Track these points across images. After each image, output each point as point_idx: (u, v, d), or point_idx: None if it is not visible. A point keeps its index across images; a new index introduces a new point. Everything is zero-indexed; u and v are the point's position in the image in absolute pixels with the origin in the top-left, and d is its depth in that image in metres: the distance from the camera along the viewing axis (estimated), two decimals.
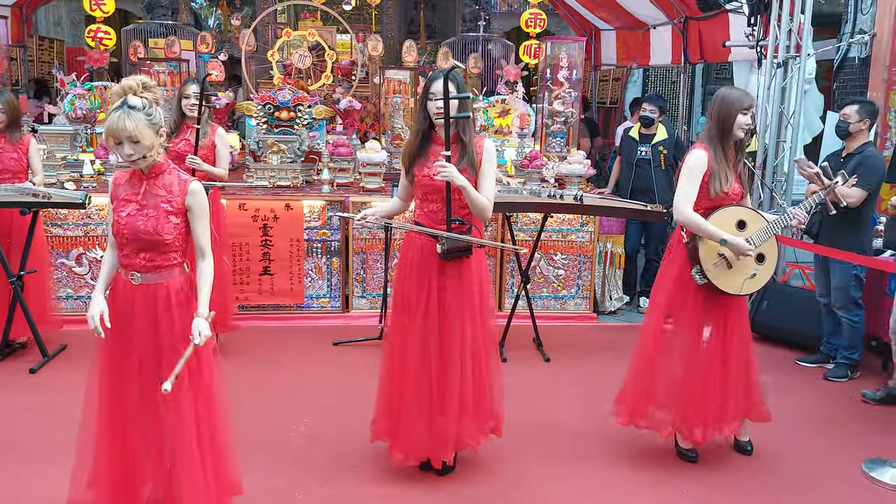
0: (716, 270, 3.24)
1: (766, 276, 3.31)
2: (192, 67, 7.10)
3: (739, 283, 3.26)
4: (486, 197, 2.99)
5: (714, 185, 3.18)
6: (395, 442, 3.19)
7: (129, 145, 2.38)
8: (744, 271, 3.25)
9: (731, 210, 3.24)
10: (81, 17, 10.72)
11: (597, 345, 5.15)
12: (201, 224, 2.51)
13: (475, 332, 3.09)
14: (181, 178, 2.51)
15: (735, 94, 3.23)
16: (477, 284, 3.10)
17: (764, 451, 3.57)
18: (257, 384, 4.20)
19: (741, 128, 3.18)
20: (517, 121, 6.57)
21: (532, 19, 8.50)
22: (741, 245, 3.16)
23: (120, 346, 2.52)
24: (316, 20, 10.09)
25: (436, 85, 2.93)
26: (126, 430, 2.52)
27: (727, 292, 3.26)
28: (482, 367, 3.14)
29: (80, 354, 4.51)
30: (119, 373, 2.52)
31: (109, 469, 2.54)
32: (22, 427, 3.63)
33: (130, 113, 2.36)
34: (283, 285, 5.31)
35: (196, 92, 4.29)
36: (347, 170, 5.75)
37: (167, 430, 2.50)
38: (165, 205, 2.47)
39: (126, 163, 2.46)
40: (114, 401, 2.53)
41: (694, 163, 3.19)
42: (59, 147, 5.63)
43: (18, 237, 4.40)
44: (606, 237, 5.71)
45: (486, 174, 3.01)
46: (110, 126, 2.36)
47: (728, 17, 6.01)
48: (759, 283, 3.32)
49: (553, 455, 3.53)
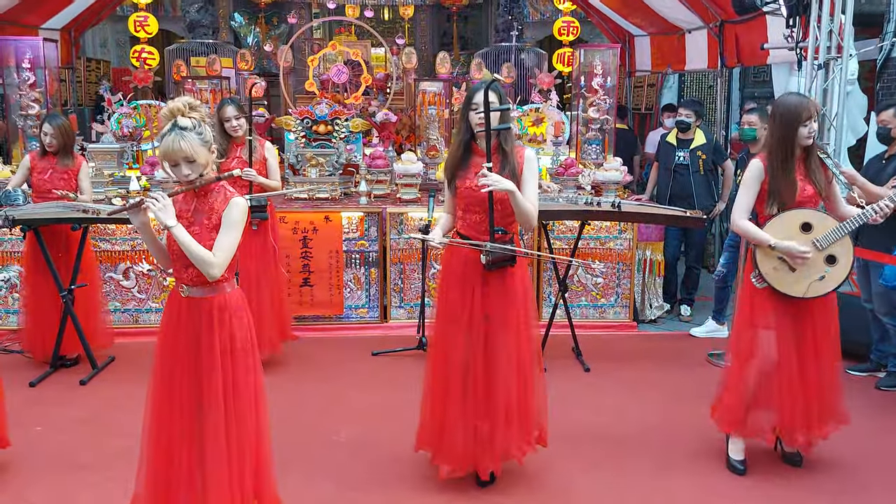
0: (776, 274, 3.21)
1: (837, 278, 3.20)
2: (232, 84, 7.26)
3: (804, 286, 3.19)
4: (532, 203, 3.00)
5: (774, 194, 3.18)
6: (437, 452, 3.20)
7: (186, 166, 2.45)
8: (809, 274, 3.19)
9: (794, 213, 3.19)
10: (126, 38, 11.02)
11: (637, 354, 5.09)
12: (224, 237, 2.51)
13: (519, 341, 3.09)
14: (226, 195, 2.56)
15: (793, 104, 3.16)
16: (521, 293, 3.10)
17: (814, 462, 3.48)
18: (298, 394, 4.26)
19: (806, 138, 3.15)
20: (551, 129, 6.57)
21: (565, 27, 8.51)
22: (790, 248, 3.13)
23: (169, 358, 2.59)
24: (350, 35, 10.24)
25: (478, 96, 2.95)
26: (172, 442, 2.57)
27: (791, 296, 3.21)
28: (527, 377, 3.13)
29: (128, 367, 4.64)
30: (167, 384, 2.59)
31: (154, 481, 2.60)
32: (72, 437, 3.74)
33: (183, 134, 2.43)
34: (322, 296, 5.38)
35: (235, 113, 4.37)
36: (384, 181, 5.81)
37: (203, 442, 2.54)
38: (207, 222, 2.53)
39: (183, 184, 2.52)
40: (161, 412, 2.59)
41: (749, 174, 3.26)
42: (106, 164, 5.81)
43: (70, 253, 4.55)
44: (645, 244, 5.66)
45: (529, 181, 3.03)
46: (166, 149, 2.43)
47: (765, 19, 5.90)
48: (830, 286, 3.21)
49: (597, 465, 3.50)
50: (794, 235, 3.18)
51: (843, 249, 3.21)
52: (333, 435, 3.76)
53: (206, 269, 2.46)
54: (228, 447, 2.54)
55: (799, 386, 3.26)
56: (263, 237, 4.54)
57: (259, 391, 2.66)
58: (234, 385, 2.55)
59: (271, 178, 4.55)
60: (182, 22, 9.92)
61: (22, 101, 6.02)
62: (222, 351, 2.53)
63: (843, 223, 3.18)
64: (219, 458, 2.52)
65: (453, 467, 3.14)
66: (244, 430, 2.58)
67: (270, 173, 4.57)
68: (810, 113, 3.12)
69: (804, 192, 3.19)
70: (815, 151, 3.22)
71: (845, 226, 3.18)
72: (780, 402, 3.27)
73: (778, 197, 3.18)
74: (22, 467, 3.42)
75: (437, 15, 11.90)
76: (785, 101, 3.22)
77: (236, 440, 2.56)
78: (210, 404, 2.52)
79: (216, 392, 2.51)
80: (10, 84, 6.08)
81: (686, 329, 5.57)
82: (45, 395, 4.29)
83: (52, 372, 4.55)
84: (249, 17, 10.90)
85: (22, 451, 3.52)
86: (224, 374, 2.52)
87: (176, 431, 2.56)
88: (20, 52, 6.01)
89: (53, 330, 4.52)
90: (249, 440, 2.61)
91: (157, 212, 2.41)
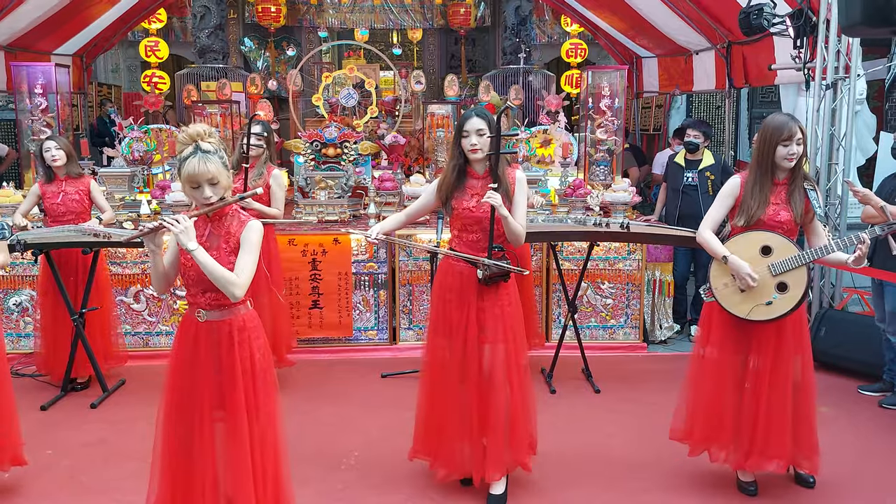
0: (724, 290, 3.22)
1: (784, 306, 3.14)
2: (242, 109, 7.34)
3: (748, 308, 3.17)
4: (521, 224, 3.16)
5: (743, 212, 3.18)
6: (436, 460, 3.31)
7: (209, 188, 2.47)
8: (757, 297, 3.16)
9: (757, 234, 3.17)
10: (137, 63, 11.18)
11: (648, 375, 5.06)
12: (244, 258, 2.53)
13: (514, 350, 3.21)
14: (241, 219, 2.59)
15: (775, 123, 3.14)
16: (513, 305, 3.23)
17: (827, 483, 3.44)
18: (309, 416, 4.25)
19: (785, 159, 3.11)
20: (559, 150, 6.59)
21: (573, 49, 8.57)
22: (739, 266, 3.14)
23: (185, 382, 2.60)
24: (359, 58, 10.36)
25: (469, 123, 3.11)
26: (189, 465, 2.58)
27: (733, 314, 3.20)
28: (522, 385, 3.24)
29: (139, 389, 4.64)
30: (183, 408, 2.60)
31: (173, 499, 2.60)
32: (82, 461, 3.74)
33: (207, 157, 2.46)
34: (331, 318, 5.38)
35: (258, 131, 4.43)
36: (393, 203, 5.83)
37: (227, 462, 2.57)
38: (225, 245, 2.55)
39: (202, 207, 2.52)
40: (177, 435, 2.60)
41: (725, 189, 3.30)
42: (117, 188, 5.86)
43: (82, 277, 4.58)
44: (654, 265, 5.64)
45: (519, 203, 3.18)
46: (191, 172, 2.44)
47: (773, 39, 5.93)
48: (775, 313, 3.15)
49: (609, 487, 3.47)
50: (752, 256, 3.16)
51: (796, 279, 3.13)
52: (345, 458, 3.75)
53: (231, 290, 2.47)
54: (254, 466, 2.58)
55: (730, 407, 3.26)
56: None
57: (277, 410, 2.70)
58: (255, 405, 2.59)
59: (273, 206, 4.54)
60: (192, 47, 10.05)
61: (34, 127, 6.08)
62: (243, 371, 2.57)
63: (802, 253, 3.12)
64: (245, 477, 2.55)
65: (450, 471, 3.27)
66: (266, 448, 2.63)
67: (274, 201, 4.55)
68: (791, 133, 3.08)
69: (777, 216, 3.15)
70: (799, 180, 3.18)
71: (803, 256, 3.12)
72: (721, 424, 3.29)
73: (746, 211, 3.17)
74: (32, 490, 3.43)
75: (445, 38, 12.02)
76: (770, 119, 3.20)
77: (260, 459, 2.60)
78: (234, 424, 2.55)
79: (240, 412, 2.55)
80: (23, 109, 6.15)
81: None
82: (56, 418, 4.30)
83: (63, 395, 4.55)
84: (259, 42, 11.04)
85: (33, 474, 3.53)
86: (246, 394, 2.56)
87: (196, 453, 2.57)
88: (33, 78, 6.08)
89: (66, 353, 4.53)
90: (271, 458, 2.65)
91: (179, 234, 2.41)
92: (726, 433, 3.29)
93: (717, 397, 3.30)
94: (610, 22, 8.33)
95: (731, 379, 3.28)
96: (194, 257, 2.43)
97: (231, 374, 2.55)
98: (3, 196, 5.54)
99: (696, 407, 3.39)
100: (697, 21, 6.89)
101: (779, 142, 3.11)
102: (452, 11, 10.63)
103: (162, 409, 2.65)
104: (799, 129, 3.11)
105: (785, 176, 3.18)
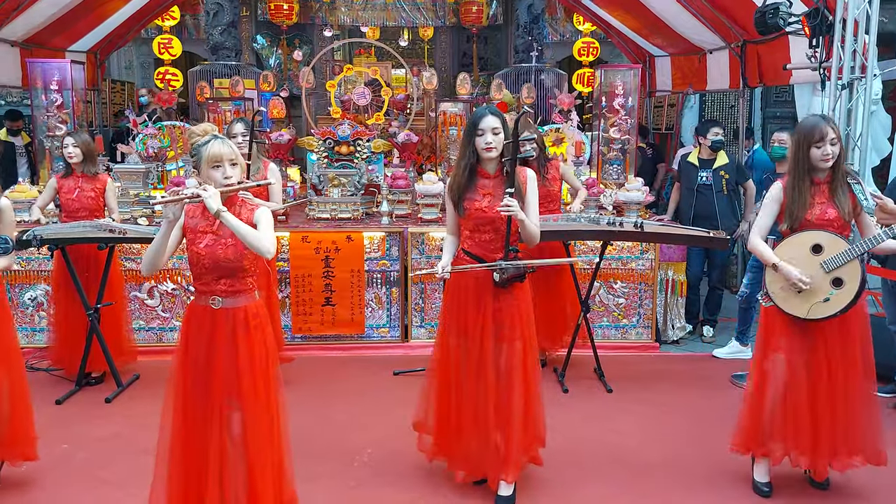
0: (783, 294, 3.22)
1: (843, 301, 3.16)
2: (255, 105, 7.36)
3: (807, 307, 3.18)
4: (535, 224, 3.16)
5: (788, 216, 3.19)
6: (452, 460, 3.31)
7: (230, 168, 2.59)
8: (814, 296, 3.17)
9: (807, 234, 3.18)
10: (151, 60, 11.21)
11: (660, 375, 5.05)
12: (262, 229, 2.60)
13: (526, 350, 3.21)
14: (249, 206, 2.67)
15: (807, 125, 3.17)
16: (525, 305, 3.23)
17: (841, 485, 3.43)
18: (321, 414, 4.26)
19: (821, 160, 3.13)
20: (572, 149, 6.58)
21: (585, 48, 8.55)
22: (789, 272, 3.15)
23: (199, 371, 2.62)
24: (370, 56, 10.36)
25: (484, 121, 3.08)
26: (203, 453, 2.62)
27: (795, 316, 3.20)
28: (533, 384, 3.25)
29: (153, 385, 4.65)
30: (196, 397, 2.63)
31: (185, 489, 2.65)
32: (97, 454, 3.77)
33: (226, 140, 2.61)
34: (344, 315, 5.39)
35: (243, 131, 4.45)
36: (405, 201, 5.84)
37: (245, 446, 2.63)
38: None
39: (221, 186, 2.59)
40: (191, 423, 2.64)
41: (769, 196, 3.32)
42: (132, 185, 5.88)
43: (96, 272, 4.61)
44: (667, 265, 5.63)
45: (531, 203, 3.19)
46: (215, 150, 2.56)
47: (788, 39, 5.89)
48: (833, 309, 3.17)
49: (621, 487, 3.47)
50: (804, 256, 3.18)
51: (850, 273, 3.15)
52: (357, 455, 3.76)
53: (264, 246, 2.55)
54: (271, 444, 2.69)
55: (807, 411, 3.22)
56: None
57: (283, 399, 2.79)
58: (266, 391, 2.67)
59: (271, 200, 4.53)
60: (205, 44, 10.08)
61: (49, 123, 6.12)
62: (259, 356, 2.64)
63: (852, 246, 3.13)
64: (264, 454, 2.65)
65: (468, 472, 3.28)
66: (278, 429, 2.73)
67: (272, 195, 4.56)
68: (823, 134, 3.09)
69: (825, 215, 3.17)
70: (841, 176, 3.19)
71: (854, 249, 3.12)
72: (785, 426, 3.26)
73: (790, 215, 3.20)
74: (48, 483, 3.46)
75: (457, 36, 12.00)
76: (803, 122, 3.25)
77: (278, 438, 2.72)
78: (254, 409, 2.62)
79: (259, 396, 2.63)
80: (38, 106, 6.20)
81: (709, 350, 5.51)
82: (70, 412, 4.33)
83: (78, 390, 4.59)
84: (271, 40, 11.06)
85: (48, 467, 3.56)
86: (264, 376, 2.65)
87: (210, 441, 2.61)
88: (48, 75, 6.12)
89: (80, 347, 4.56)
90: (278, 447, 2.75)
91: (208, 199, 2.49)
92: (805, 436, 3.24)
93: (792, 401, 3.25)
94: (623, 20, 8.29)
95: (804, 380, 3.24)
96: (223, 220, 2.52)
97: (249, 359, 2.62)
98: (19, 192, 5.58)
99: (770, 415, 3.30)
100: (712, 20, 6.85)
101: (812, 144, 3.12)
102: (464, 9, 10.60)
103: (172, 399, 2.69)
104: (832, 129, 3.12)
105: (825, 175, 3.19)
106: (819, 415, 3.23)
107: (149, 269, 2.68)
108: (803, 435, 3.24)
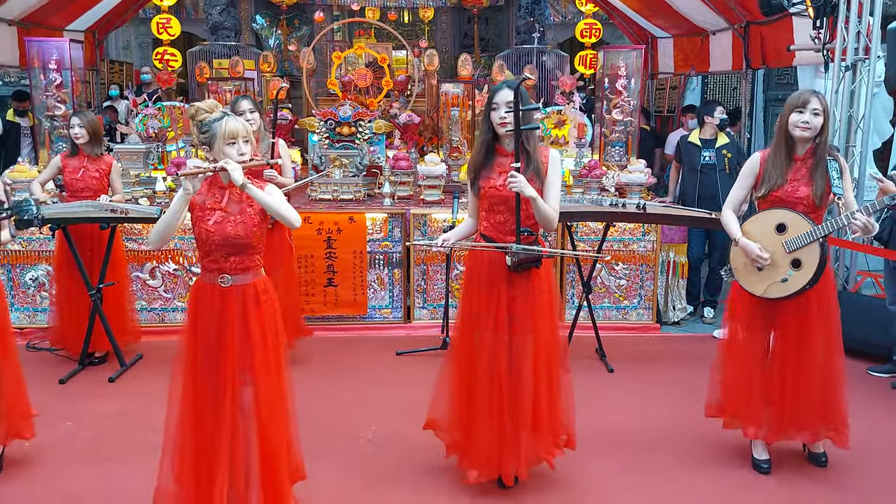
0: (744, 270, 3.28)
1: (799, 282, 3.16)
2: (255, 86, 7.32)
3: (764, 286, 3.22)
4: (553, 207, 2.96)
5: (765, 181, 3.20)
6: (465, 456, 3.18)
7: (243, 144, 2.60)
8: (773, 275, 3.20)
9: (774, 213, 3.20)
10: (149, 40, 11.15)
11: (661, 355, 5.07)
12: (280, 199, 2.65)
13: (546, 343, 3.06)
14: (259, 184, 2.66)
15: (793, 94, 3.20)
16: (546, 295, 3.06)
17: (839, 462, 3.46)
18: (324, 393, 4.28)
19: (796, 126, 3.11)
20: (574, 131, 6.56)
21: (587, 29, 8.49)
22: (748, 247, 3.19)
23: (209, 349, 2.64)
24: (370, 37, 10.29)
25: (499, 95, 2.92)
26: (215, 427, 2.64)
27: (751, 293, 3.25)
28: (553, 379, 3.11)
29: (156, 364, 4.68)
30: (206, 375, 2.64)
31: (195, 463, 2.66)
32: (101, 432, 3.79)
33: (238, 118, 2.62)
34: (346, 296, 5.40)
35: (250, 107, 4.41)
36: (407, 183, 5.83)
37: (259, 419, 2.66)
38: (250, 209, 2.62)
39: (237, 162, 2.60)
40: (202, 399, 2.65)
41: (746, 167, 3.32)
42: (132, 165, 5.86)
43: (98, 252, 4.61)
44: (669, 246, 5.64)
45: (553, 183, 2.99)
46: (232, 127, 2.57)
47: (792, 20, 5.87)
48: (789, 290, 3.17)
49: (622, 465, 3.50)
50: (768, 234, 3.20)
51: (808, 255, 3.14)
52: (362, 433, 3.78)
53: (290, 215, 2.61)
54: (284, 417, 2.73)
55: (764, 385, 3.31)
56: (280, 234, 4.51)
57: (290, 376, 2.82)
58: (278, 361, 2.70)
59: (285, 176, 4.58)
60: (204, 24, 10.02)
61: (48, 103, 6.08)
62: (269, 332, 2.66)
63: (814, 229, 3.11)
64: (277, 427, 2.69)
65: (481, 472, 3.11)
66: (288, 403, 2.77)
67: (284, 171, 4.60)
68: (805, 101, 3.08)
69: (796, 192, 3.15)
70: (822, 156, 3.14)
71: (816, 231, 3.10)
72: (751, 400, 3.33)
73: (767, 181, 3.20)
74: (52, 460, 3.48)
75: (458, 17, 11.93)
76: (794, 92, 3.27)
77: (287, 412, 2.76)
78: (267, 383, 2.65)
79: (271, 370, 2.66)
80: (37, 85, 6.15)
81: (709, 331, 5.53)
82: (74, 391, 4.35)
83: (81, 369, 4.60)
84: (271, 20, 10.99)
85: (52, 444, 3.58)
86: (276, 350, 2.68)
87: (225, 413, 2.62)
88: (46, 54, 6.05)
89: (82, 327, 4.57)
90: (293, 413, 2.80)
91: (233, 171, 2.51)
92: (756, 409, 3.33)
93: (745, 374, 3.34)
94: (625, 1, 8.25)
95: (759, 356, 3.32)
96: (250, 191, 2.55)
97: (262, 333, 2.64)
98: (19, 171, 5.56)
99: (727, 384, 3.44)
100: (715, 1, 6.82)
101: (793, 108, 3.12)
102: None
103: (181, 377, 2.70)
104: (817, 99, 3.09)
105: (805, 151, 3.17)
106: (775, 390, 3.29)
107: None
108: (758, 409, 3.33)
